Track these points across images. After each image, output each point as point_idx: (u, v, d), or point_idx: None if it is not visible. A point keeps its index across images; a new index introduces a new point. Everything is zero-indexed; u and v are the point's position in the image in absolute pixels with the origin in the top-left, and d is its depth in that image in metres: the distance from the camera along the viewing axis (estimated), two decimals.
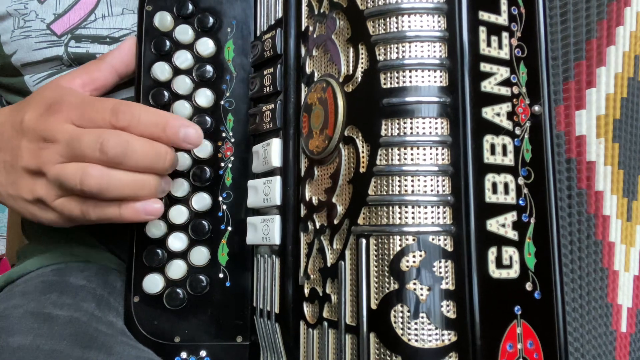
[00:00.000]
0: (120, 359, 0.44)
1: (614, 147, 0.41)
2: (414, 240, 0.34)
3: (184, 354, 0.48)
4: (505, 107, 0.37)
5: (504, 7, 0.38)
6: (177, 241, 0.49)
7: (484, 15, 0.37)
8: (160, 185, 0.44)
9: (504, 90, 0.37)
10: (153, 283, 0.49)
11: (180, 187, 0.49)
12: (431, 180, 0.35)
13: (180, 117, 0.45)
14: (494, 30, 0.37)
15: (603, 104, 0.41)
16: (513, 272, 0.35)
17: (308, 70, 0.43)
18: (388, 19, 0.36)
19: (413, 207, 0.35)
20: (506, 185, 0.36)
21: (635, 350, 0.42)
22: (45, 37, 0.54)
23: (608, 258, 0.41)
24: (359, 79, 0.37)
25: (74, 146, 0.41)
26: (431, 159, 0.35)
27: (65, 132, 0.42)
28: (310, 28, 0.43)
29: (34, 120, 0.44)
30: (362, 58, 0.37)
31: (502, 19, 0.38)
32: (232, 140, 0.50)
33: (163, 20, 0.51)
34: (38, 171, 0.43)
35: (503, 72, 0.37)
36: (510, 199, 0.36)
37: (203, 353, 0.48)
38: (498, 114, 0.36)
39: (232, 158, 0.50)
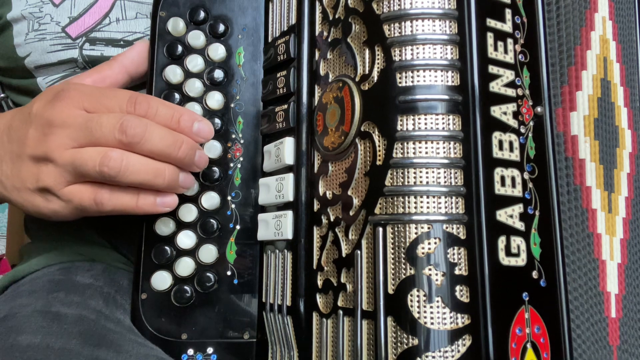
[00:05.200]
0: (129, 357, 0.44)
1: (595, 144, 0.45)
2: (429, 228, 0.36)
3: (190, 351, 0.49)
4: (511, 107, 0.39)
5: (508, 16, 0.41)
6: (186, 239, 0.50)
7: (491, 22, 0.40)
8: (178, 178, 0.44)
9: (510, 92, 0.40)
10: (161, 280, 0.49)
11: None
12: (444, 172, 0.37)
13: (194, 112, 0.47)
14: (500, 36, 0.40)
15: (587, 105, 0.45)
16: (521, 261, 0.37)
17: (322, 72, 0.45)
18: (403, 23, 0.39)
19: (428, 197, 0.37)
20: (513, 179, 0.38)
21: (624, 334, 0.44)
22: (60, 40, 0.55)
23: (597, 249, 0.44)
24: (375, 78, 0.40)
25: (91, 128, 0.41)
26: (444, 152, 0.37)
27: (77, 116, 0.42)
28: (325, 33, 0.45)
29: (42, 108, 0.44)
30: (378, 59, 0.40)
31: (507, 27, 0.41)
32: (242, 141, 0.52)
33: (176, 25, 0.52)
34: (45, 157, 0.42)
35: (509, 75, 0.40)
36: (517, 192, 0.38)
37: (210, 350, 0.49)
38: (505, 113, 0.39)
39: (241, 159, 0.52)
